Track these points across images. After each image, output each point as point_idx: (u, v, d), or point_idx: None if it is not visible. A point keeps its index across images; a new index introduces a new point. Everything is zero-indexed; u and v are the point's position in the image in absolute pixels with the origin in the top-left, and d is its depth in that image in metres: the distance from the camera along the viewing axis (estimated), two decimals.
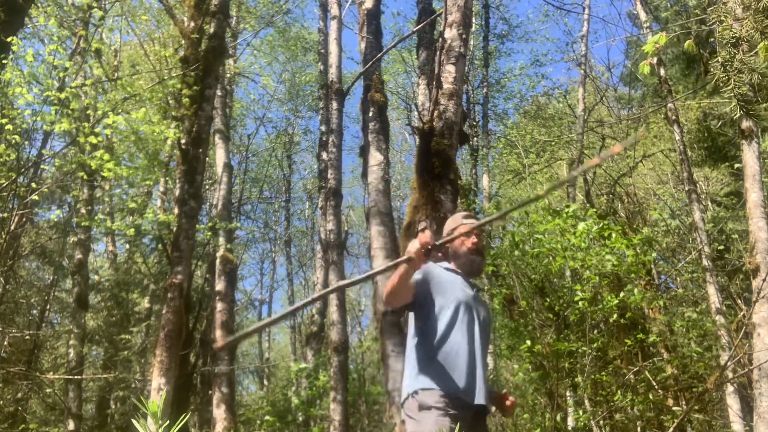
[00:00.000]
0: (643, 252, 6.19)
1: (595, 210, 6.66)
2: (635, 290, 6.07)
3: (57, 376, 9.90)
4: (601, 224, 5.92)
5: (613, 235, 5.94)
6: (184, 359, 8.36)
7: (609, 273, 6.19)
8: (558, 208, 6.31)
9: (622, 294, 6.05)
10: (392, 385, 5.64)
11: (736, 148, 10.40)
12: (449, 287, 2.78)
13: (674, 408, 6.61)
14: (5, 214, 7.35)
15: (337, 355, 8.46)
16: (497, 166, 15.81)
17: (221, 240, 10.26)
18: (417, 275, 2.73)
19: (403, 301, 2.72)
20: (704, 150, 12.53)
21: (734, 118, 5.19)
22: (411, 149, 21.05)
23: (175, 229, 6.78)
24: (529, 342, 6.01)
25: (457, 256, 2.89)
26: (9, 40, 5.94)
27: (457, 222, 2.98)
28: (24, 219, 9.19)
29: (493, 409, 2.84)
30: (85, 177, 9.62)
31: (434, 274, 2.81)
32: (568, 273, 6.82)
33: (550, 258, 5.95)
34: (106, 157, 7.47)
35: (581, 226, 5.79)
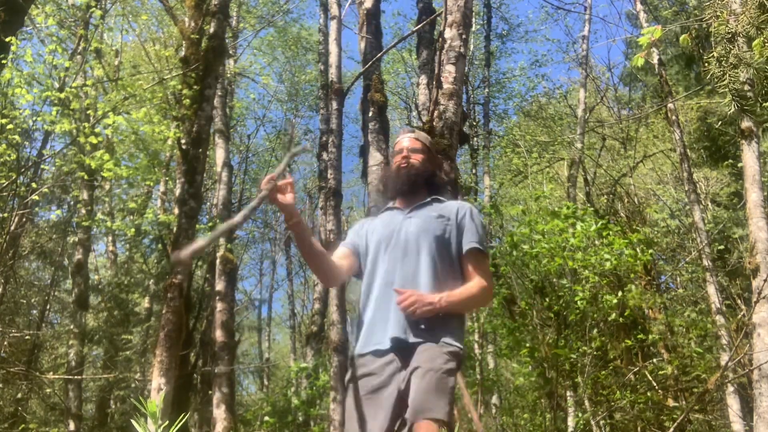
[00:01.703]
0: (641, 251, 6.20)
1: (593, 209, 6.67)
2: (633, 289, 6.08)
3: (57, 376, 9.90)
4: (600, 224, 5.93)
5: (612, 235, 5.95)
6: (184, 359, 8.35)
7: (608, 272, 6.20)
8: (557, 209, 6.32)
9: (620, 294, 6.06)
10: None
11: (736, 148, 10.40)
12: (373, 234, 2.40)
13: (674, 405, 6.62)
14: (5, 214, 7.35)
15: (337, 355, 8.45)
16: (497, 166, 15.81)
17: (221, 240, 10.26)
18: (354, 241, 2.40)
19: (338, 277, 2.33)
20: (704, 150, 12.53)
21: (729, 113, 5.19)
22: None
23: (175, 229, 6.78)
24: (528, 347, 6.02)
25: (392, 180, 2.49)
26: (9, 40, 5.94)
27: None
28: (24, 219, 9.18)
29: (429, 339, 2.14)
30: (85, 177, 9.63)
31: (361, 232, 2.44)
32: (568, 273, 6.82)
33: (549, 258, 5.96)
34: (106, 157, 7.47)
35: (579, 227, 5.80)
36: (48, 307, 12.53)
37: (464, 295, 2.23)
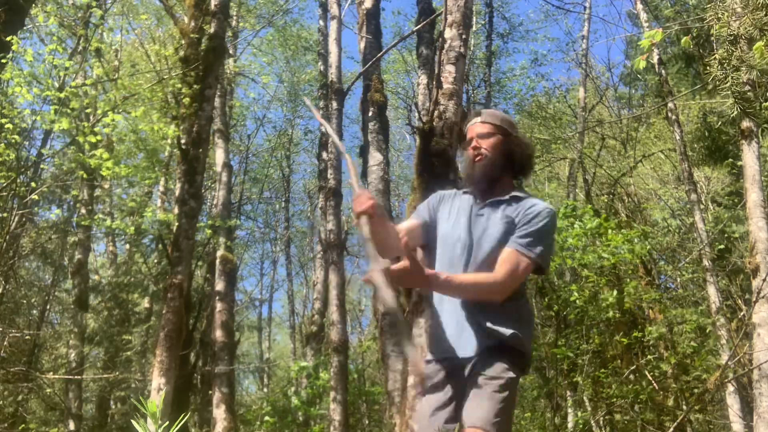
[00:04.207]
0: (640, 246, 6.20)
1: (591, 207, 6.67)
2: (631, 285, 6.09)
3: (57, 377, 9.89)
4: (596, 221, 5.93)
5: (610, 232, 5.95)
6: (184, 359, 8.36)
7: (608, 270, 6.20)
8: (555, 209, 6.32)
9: (616, 293, 6.06)
10: (392, 385, 5.64)
11: (736, 148, 10.39)
12: (446, 222, 2.29)
13: (675, 399, 6.62)
14: (5, 214, 7.34)
15: (337, 355, 8.45)
16: None
17: (221, 239, 10.27)
18: (424, 215, 2.31)
19: (393, 252, 2.15)
20: (704, 149, 12.52)
21: (732, 115, 5.18)
22: (411, 149, 21.05)
23: (175, 229, 6.78)
24: None
25: (468, 175, 2.32)
26: (9, 39, 5.94)
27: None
28: (24, 219, 9.18)
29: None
30: (84, 176, 9.62)
31: (435, 205, 2.34)
32: (567, 272, 6.81)
33: None
34: (106, 156, 7.46)
35: (577, 226, 5.80)
36: (48, 307, 12.52)
37: (465, 281, 2.10)
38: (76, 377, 9.71)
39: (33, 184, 7.60)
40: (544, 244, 2.14)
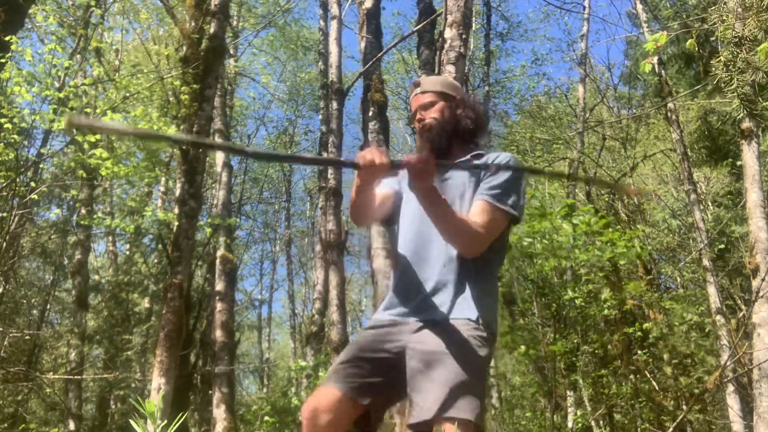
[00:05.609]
0: (639, 246, 6.19)
1: (591, 206, 6.67)
2: (631, 285, 6.09)
3: (57, 376, 9.89)
4: (591, 219, 5.92)
5: (609, 230, 5.95)
6: (184, 359, 8.36)
7: (607, 269, 6.20)
8: (549, 209, 6.31)
9: (608, 291, 6.06)
10: None
11: (736, 147, 10.39)
12: (408, 194, 2.10)
13: (674, 402, 6.62)
14: (5, 214, 7.34)
15: (337, 355, 8.46)
16: None
17: (221, 239, 10.27)
18: (394, 185, 2.18)
19: (369, 220, 2.16)
20: (704, 149, 12.52)
21: (736, 117, 5.18)
22: (411, 149, 21.03)
23: (175, 229, 6.78)
24: (523, 348, 6.02)
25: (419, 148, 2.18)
26: (8, 39, 5.94)
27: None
28: (24, 219, 9.18)
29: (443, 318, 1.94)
30: (84, 176, 9.62)
31: (402, 182, 2.17)
32: (567, 271, 6.81)
33: (544, 258, 5.95)
34: (105, 155, 7.46)
35: (566, 226, 5.79)
36: (48, 307, 12.52)
37: (456, 218, 1.91)
38: (76, 377, 9.71)
39: (33, 184, 7.59)
40: (514, 193, 2.01)
